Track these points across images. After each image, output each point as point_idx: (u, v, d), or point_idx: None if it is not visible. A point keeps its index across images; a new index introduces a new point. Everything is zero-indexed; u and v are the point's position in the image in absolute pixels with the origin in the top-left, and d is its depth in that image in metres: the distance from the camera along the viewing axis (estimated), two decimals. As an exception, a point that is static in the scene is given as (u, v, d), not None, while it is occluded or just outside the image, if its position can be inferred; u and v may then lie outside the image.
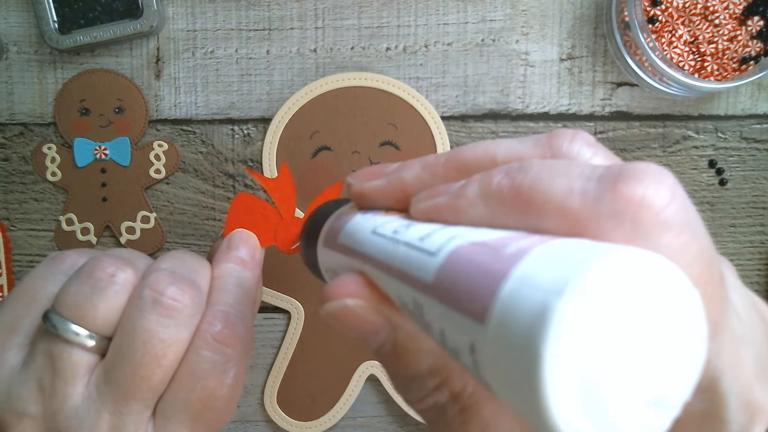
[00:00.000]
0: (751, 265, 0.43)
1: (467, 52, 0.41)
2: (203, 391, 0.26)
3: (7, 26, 0.41)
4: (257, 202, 0.33)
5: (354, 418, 0.43)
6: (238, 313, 0.27)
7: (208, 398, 0.26)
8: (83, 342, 0.25)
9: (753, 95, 0.42)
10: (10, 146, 0.42)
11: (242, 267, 0.30)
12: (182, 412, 0.26)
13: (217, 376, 0.26)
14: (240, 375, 0.27)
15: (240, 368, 0.27)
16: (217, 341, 0.26)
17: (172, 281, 0.25)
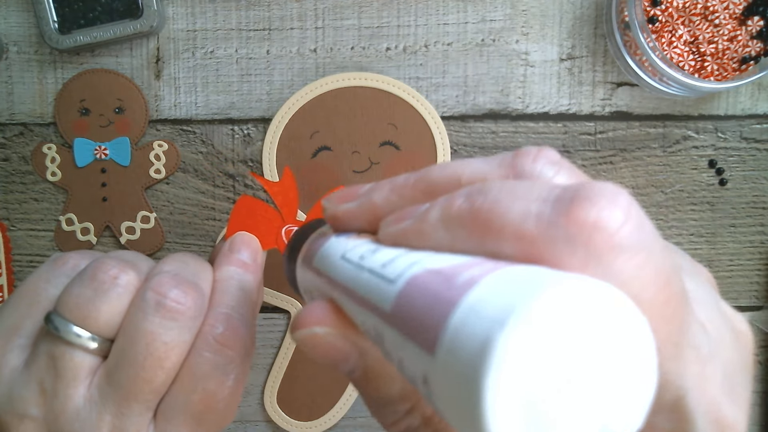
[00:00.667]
0: (751, 265, 0.43)
1: (467, 52, 0.41)
2: (204, 393, 0.26)
3: (7, 26, 0.41)
4: (259, 205, 0.33)
5: (354, 418, 0.43)
6: (240, 316, 0.28)
7: (209, 400, 0.26)
8: (85, 344, 0.25)
9: (753, 95, 0.42)
10: (10, 146, 0.42)
11: (244, 270, 0.30)
12: (183, 413, 0.26)
13: (219, 377, 0.26)
14: (241, 377, 0.27)
15: (241, 370, 0.27)
16: (218, 343, 0.26)
17: (175, 284, 0.25)
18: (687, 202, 0.42)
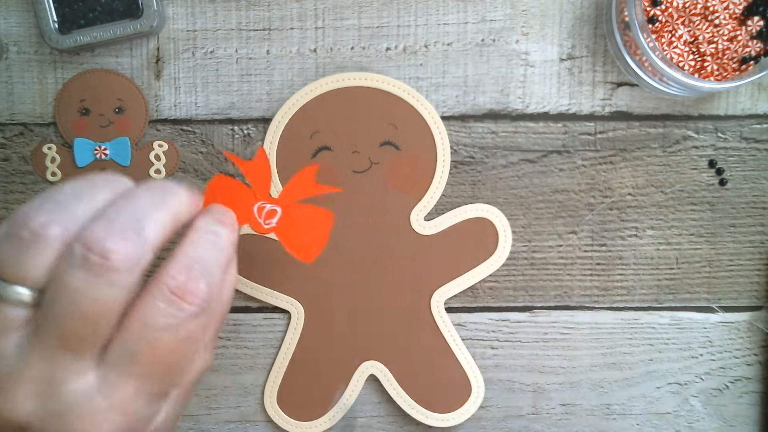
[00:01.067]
0: (751, 265, 0.43)
1: (467, 52, 0.41)
2: (153, 344, 0.25)
3: (7, 26, 0.41)
4: (233, 183, 0.33)
5: (354, 418, 0.43)
6: (204, 270, 0.26)
7: (158, 352, 0.25)
8: (15, 297, 0.24)
9: (753, 95, 0.42)
10: (10, 146, 0.42)
11: (219, 223, 0.28)
12: (128, 363, 0.25)
13: (171, 331, 0.25)
14: (200, 336, 0.26)
15: (202, 329, 0.26)
16: (173, 294, 0.25)
17: (106, 234, 0.24)
18: (687, 202, 0.42)
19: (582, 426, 0.43)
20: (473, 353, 0.42)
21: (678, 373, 0.43)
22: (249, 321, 0.43)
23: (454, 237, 0.41)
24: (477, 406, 0.42)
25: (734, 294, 0.43)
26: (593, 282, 0.43)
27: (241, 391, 0.43)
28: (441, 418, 0.42)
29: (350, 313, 0.42)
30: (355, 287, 0.42)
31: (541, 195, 0.42)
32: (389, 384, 0.42)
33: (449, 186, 0.42)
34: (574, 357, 0.43)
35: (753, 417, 0.43)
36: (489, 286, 0.42)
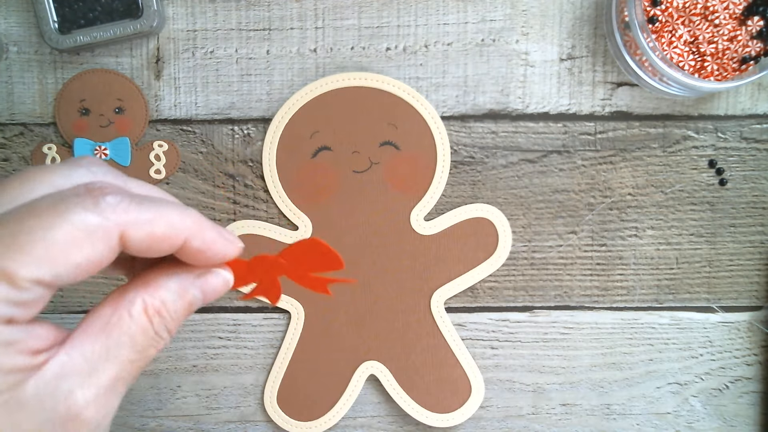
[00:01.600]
0: (751, 265, 0.43)
1: (467, 52, 0.41)
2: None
3: (7, 26, 0.41)
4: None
5: (354, 418, 0.43)
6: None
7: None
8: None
9: (753, 95, 0.42)
10: (10, 146, 0.42)
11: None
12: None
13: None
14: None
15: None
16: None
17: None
18: (687, 202, 0.42)
19: (582, 426, 0.43)
20: (473, 353, 0.42)
21: (678, 373, 0.43)
22: (249, 321, 0.43)
23: (454, 237, 0.41)
24: (477, 406, 0.42)
25: (734, 294, 0.43)
26: (593, 282, 0.43)
27: (241, 391, 0.43)
28: (441, 418, 0.42)
29: (350, 313, 0.42)
30: (355, 287, 0.42)
31: (541, 195, 0.42)
32: (389, 384, 0.42)
33: (449, 186, 0.42)
34: (574, 357, 0.43)
35: (753, 417, 0.43)
36: (489, 286, 0.42)
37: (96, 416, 0.23)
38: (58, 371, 0.23)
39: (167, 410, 0.43)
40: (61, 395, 0.23)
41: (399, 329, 0.42)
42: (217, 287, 0.27)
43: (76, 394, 0.23)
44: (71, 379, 0.23)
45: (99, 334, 0.24)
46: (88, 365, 0.23)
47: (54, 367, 0.23)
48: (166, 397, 0.43)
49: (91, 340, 0.24)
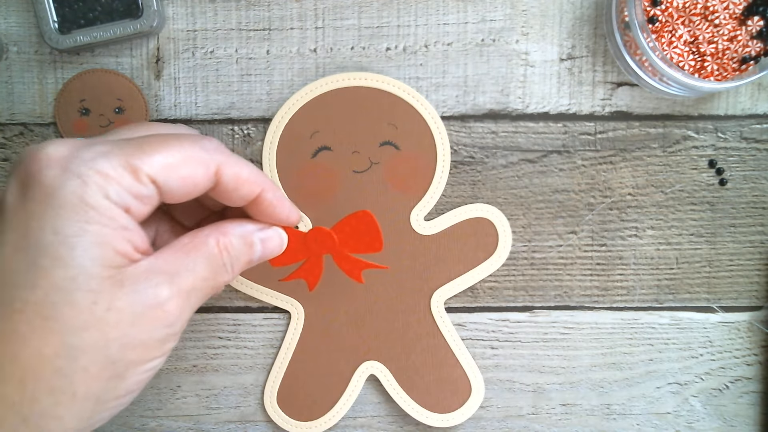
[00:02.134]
0: (751, 265, 0.43)
1: (467, 52, 0.41)
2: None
3: (7, 26, 0.41)
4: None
5: (354, 418, 0.43)
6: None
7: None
8: None
9: (753, 95, 0.42)
10: (10, 146, 0.42)
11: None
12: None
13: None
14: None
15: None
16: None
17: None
18: (687, 202, 0.42)
19: (582, 426, 0.43)
20: (473, 353, 0.42)
21: (678, 373, 0.43)
22: (249, 321, 0.43)
23: (454, 237, 0.41)
24: (477, 406, 0.42)
25: (734, 294, 0.43)
26: (593, 282, 0.43)
27: (241, 391, 0.43)
28: (441, 418, 0.42)
29: (350, 313, 0.42)
30: (355, 287, 0.42)
31: (541, 195, 0.42)
32: (389, 384, 0.42)
33: (449, 186, 0.42)
34: (574, 357, 0.43)
35: (753, 417, 0.43)
36: (489, 286, 0.42)
37: (174, 311, 0.28)
38: (148, 268, 0.28)
39: (167, 410, 0.43)
40: (150, 286, 0.27)
41: (399, 329, 0.42)
42: (274, 240, 0.34)
43: (161, 287, 0.28)
44: (158, 276, 0.28)
45: (180, 252, 0.29)
46: (171, 271, 0.28)
47: (146, 264, 0.28)
48: (166, 397, 0.43)
49: (174, 254, 0.29)
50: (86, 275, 0.26)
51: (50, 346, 0.25)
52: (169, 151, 0.28)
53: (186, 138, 0.29)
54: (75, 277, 0.26)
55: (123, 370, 0.27)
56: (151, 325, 0.27)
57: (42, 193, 0.26)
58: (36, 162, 0.27)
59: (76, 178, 0.26)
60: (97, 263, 0.26)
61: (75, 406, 0.26)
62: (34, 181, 0.26)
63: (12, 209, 0.27)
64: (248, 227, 0.32)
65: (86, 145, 0.27)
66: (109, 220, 0.26)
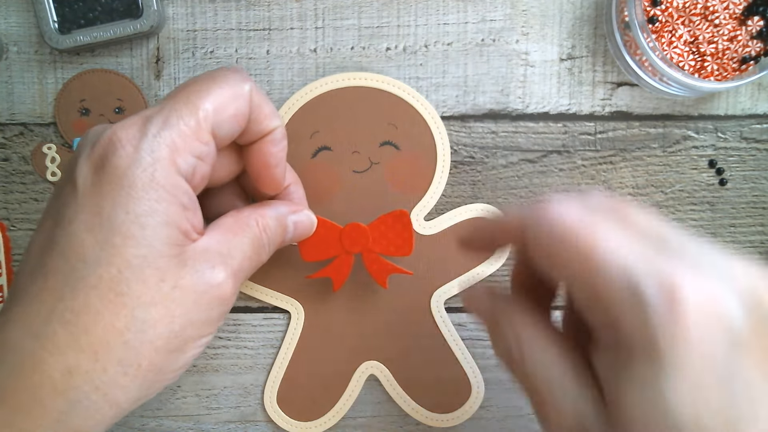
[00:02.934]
0: (751, 265, 0.42)
1: (467, 52, 0.41)
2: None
3: (7, 26, 0.41)
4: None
5: (354, 418, 0.43)
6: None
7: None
8: None
9: (753, 95, 0.42)
10: (10, 146, 0.42)
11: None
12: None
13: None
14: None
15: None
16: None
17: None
18: (687, 202, 0.42)
19: (582, 426, 0.43)
20: (473, 353, 0.42)
21: (678, 373, 0.43)
22: (249, 321, 0.43)
23: (455, 237, 0.41)
24: (477, 406, 0.42)
25: (734, 294, 0.43)
26: (593, 282, 0.42)
27: (241, 391, 0.43)
28: (441, 418, 0.42)
29: (350, 313, 0.42)
30: (355, 287, 0.42)
31: (541, 195, 0.42)
32: (389, 384, 0.42)
33: (449, 186, 0.42)
34: (574, 357, 0.43)
35: (753, 417, 0.43)
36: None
37: (229, 291, 0.30)
38: (205, 248, 0.30)
39: (167, 410, 0.43)
40: (207, 266, 0.29)
41: (399, 329, 0.42)
42: (305, 223, 0.36)
43: (218, 268, 0.30)
44: (214, 258, 0.30)
45: (229, 233, 0.31)
46: (224, 252, 0.30)
47: (202, 245, 0.30)
48: (166, 397, 0.43)
49: (225, 236, 0.31)
50: (155, 253, 0.27)
51: (121, 320, 0.27)
52: (215, 95, 0.29)
53: (220, 74, 0.30)
54: (146, 255, 0.27)
55: (183, 345, 0.29)
56: (209, 304, 0.29)
57: (115, 174, 0.27)
58: (110, 145, 0.28)
59: (148, 155, 0.28)
60: (164, 242, 0.28)
61: (139, 376, 0.28)
62: (109, 163, 0.27)
63: (85, 190, 0.28)
64: (282, 209, 0.34)
65: (149, 119, 0.29)
66: (175, 199, 0.28)
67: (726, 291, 0.21)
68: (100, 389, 0.28)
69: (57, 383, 0.27)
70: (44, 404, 0.27)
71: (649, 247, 0.22)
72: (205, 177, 0.30)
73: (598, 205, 0.24)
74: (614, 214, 0.24)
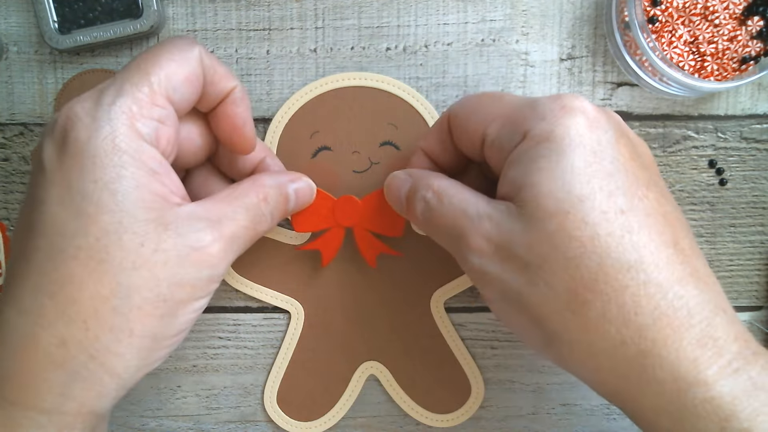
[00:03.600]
0: (751, 265, 0.43)
1: (467, 52, 0.41)
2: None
3: (7, 26, 0.41)
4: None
5: (354, 418, 0.43)
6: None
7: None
8: None
9: (753, 95, 0.42)
10: (10, 146, 0.42)
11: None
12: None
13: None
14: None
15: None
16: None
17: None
18: (687, 202, 0.42)
19: (582, 426, 0.43)
20: (473, 353, 0.42)
21: (678, 373, 0.43)
22: (249, 321, 0.43)
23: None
24: (477, 406, 0.42)
25: (734, 294, 0.43)
26: (593, 282, 0.42)
27: (241, 391, 0.43)
28: (441, 418, 0.42)
29: (350, 313, 0.42)
30: (355, 287, 0.42)
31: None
32: (389, 384, 0.42)
33: (449, 186, 0.42)
34: (574, 357, 0.43)
35: (753, 417, 0.43)
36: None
37: (217, 255, 0.30)
38: (190, 213, 0.30)
39: (167, 410, 0.43)
40: (192, 231, 0.29)
41: (399, 329, 0.42)
42: (305, 190, 0.37)
43: (204, 232, 0.30)
44: (200, 222, 0.30)
45: (221, 202, 0.31)
46: (213, 218, 0.30)
47: (187, 210, 0.30)
48: (166, 397, 0.43)
49: (215, 204, 0.31)
50: (131, 218, 0.28)
51: (106, 287, 0.27)
52: (165, 60, 0.30)
53: (169, 42, 0.31)
54: (120, 221, 0.27)
55: (174, 309, 0.29)
56: (196, 267, 0.29)
57: (77, 147, 0.28)
58: (68, 120, 0.28)
59: (106, 124, 0.28)
60: (138, 206, 0.28)
61: (134, 343, 0.28)
62: (69, 138, 0.28)
63: (51, 168, 0.28)
64: (282, 178, 0.35)
65: (103, 91, 0.29)
66: (142, 164, 0.28)
67: (599, 111, 0.29)
68: (95, 358, 0.28)
69: (54, 356, 0.27)
70: (46, 378, 0.28)
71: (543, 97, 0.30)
72: (171, 141, 0.31)
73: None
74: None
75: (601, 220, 0.26)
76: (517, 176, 0.29)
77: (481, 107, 0.32)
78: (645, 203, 0.28)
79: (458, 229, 0.30)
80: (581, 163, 0.27)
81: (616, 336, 0.26)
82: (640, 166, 0.29)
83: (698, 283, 0.28)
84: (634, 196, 0.27)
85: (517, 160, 0.29)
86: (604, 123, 0.29)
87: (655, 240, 0.27)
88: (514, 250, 0.28)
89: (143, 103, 0.29)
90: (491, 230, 0.29)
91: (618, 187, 0.27)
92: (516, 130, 0.30)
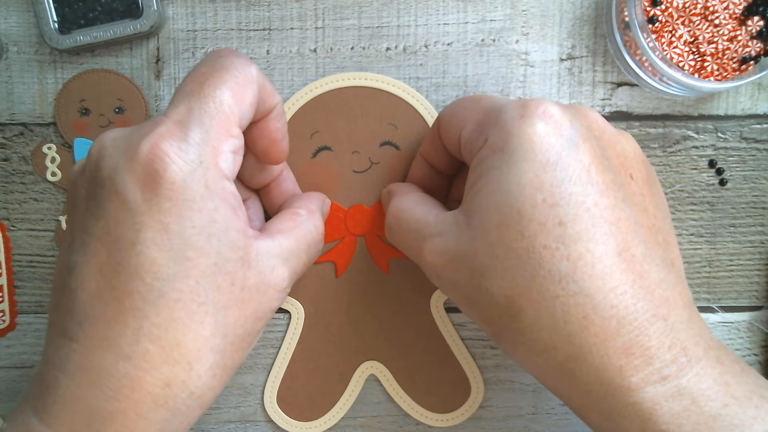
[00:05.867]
0: (751, 265, 0.43)
1: (467, 52, 0.41)
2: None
3: (7, 26, 0.41)
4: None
5: (354, 418, 0.43)
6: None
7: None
8: None
9: (753, 95, 0.42)
10: (10, 146, 0.42)
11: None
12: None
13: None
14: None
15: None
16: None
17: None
18: (687, 202, 0.42)
19: (582, 426, 0.43)
20: (473, 353, 0.42)
21: (678, 373, 0.43)
22: (249, 321, 0.43)
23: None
24: (477, 406, 0.42)
25: (734, 294, 0.43)
26: (593, 282, 0.42)
27: (241, 391, 0.43)
28: (441, 418, 0.42)
29: (350, 313, 0.42)
30: (355, 287, 0.42)
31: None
32: (389, 384, 0.42)
33: (449, 186, 0.42)
34: (574, 357, 0.43)
35: (753, 417, 0.43)
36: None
37: (286, 290, 0.32)
38: (267, 249, 0.31)
39: (167, 410, 0.43)
40: (269, 268, 0.31)
41: (399, 329, 0.42)
42: (328, 204, 0.40)
43: (278, 270, 0.31)
44: (275, 259, 0.31)
45: (290, 237, 0.33)
46: (285, 255, 0.32)
47: (264, 246, 0.31)
48: (166, 397, 0.43)
49: (287, 238, 0.33)
50: (223, 260, 0.29)
51: (207, 328, 0.28)
52: (232, 86, 0.30)
53: (227, 62, 0.31)
54: (216, 263, 0.28)
55: (253, 340, 0.31)
56: (272, 301, 0.31)
57: (173, 189, 0.28)
58: (156, 159, 0.28)
59: (198, 167, 0.28)
60: (229, 247, 0.29)
61: (225, 376, 0.30)
62: (162, 179, 0.28)
63: (140, 209, 0.28)
64: (319, 200, 0.38)
65: (185, 125, 0.29)
66: (228, 204, 0.29)
67: (565, 114, 0.29)
68: (194, 394, 0.29)
69: (157, 397, 0.28)
70: (148, 417, 0.28)
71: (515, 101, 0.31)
72: (237, 170, 0.31)
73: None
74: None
75: (538, 233, 0.27)
76: (472, 184, 0.31)
77: (461, 110, 0.34)
78: (593, 212, 0.28)
79: (415, 249, 0.33)
80: (529, 175, 0.28)
81: (548, 341, 0.28)
82: (604, 169, 0.29)
83: (638, 292, 0.28)
84: (580, 206, 0.27)
85: (475, 167, 0.31)
86: (566, 128, 0.29)
87: (592, 250, 0.27)
88: (463, 261, 0.30)
89: (222, 137, 0.29)
90: (443, 245, 0.31)
91: (563, 197, 0.28)
92: (481, 135, 0.31)
